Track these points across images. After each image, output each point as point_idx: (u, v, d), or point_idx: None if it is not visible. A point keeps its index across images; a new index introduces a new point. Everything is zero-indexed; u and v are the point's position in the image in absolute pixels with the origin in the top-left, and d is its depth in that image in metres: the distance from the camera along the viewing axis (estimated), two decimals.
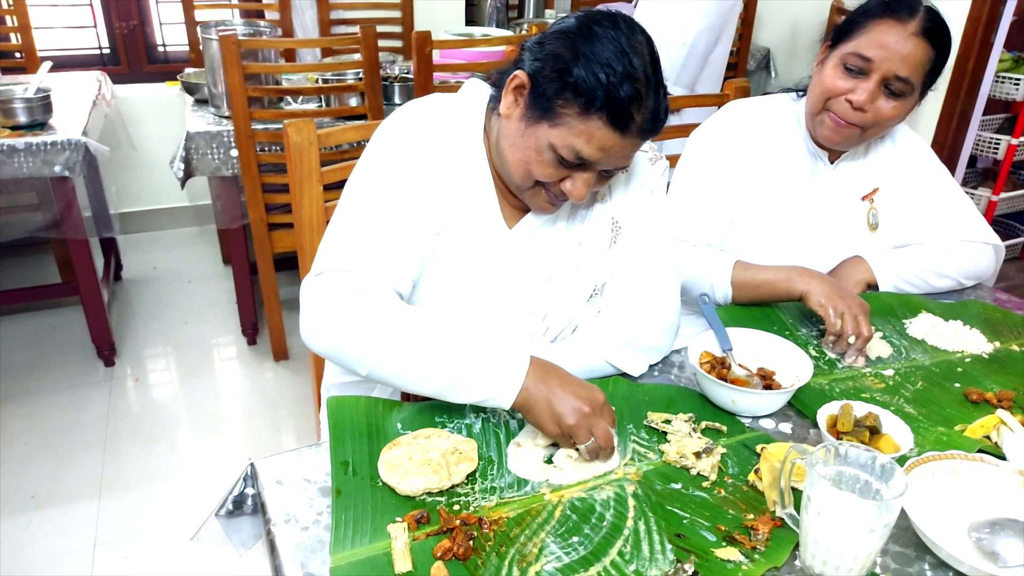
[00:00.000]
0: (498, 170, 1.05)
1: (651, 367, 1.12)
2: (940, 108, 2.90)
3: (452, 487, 0.85)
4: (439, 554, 0.75)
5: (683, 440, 0.94)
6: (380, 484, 0.85)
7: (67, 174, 2.15)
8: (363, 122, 1.34)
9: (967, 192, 1.43)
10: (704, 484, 0.89)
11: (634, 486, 0.88)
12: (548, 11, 4.05)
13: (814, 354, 1.18)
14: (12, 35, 2.98)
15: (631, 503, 0.85)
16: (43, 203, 2.71)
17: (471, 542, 0.77)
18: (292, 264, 2.83)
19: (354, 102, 2.46)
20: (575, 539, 0.79)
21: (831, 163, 1.38)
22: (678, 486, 0.88)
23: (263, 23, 2.92)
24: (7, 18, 2.98)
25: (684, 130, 1.76)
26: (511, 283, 1.08)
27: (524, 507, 0.84)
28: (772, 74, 3.84)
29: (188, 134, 2.30)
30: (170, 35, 3.43)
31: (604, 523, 0.82)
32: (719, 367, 1.05)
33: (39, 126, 2.21)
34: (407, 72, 2.76)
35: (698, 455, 0.91)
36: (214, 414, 2.35)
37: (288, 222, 2.43)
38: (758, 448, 0.93)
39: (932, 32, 1.20)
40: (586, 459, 0.90)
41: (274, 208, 2.41)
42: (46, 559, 1.80)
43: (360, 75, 2.41)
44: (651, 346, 1.11)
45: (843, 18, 1.28)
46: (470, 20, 3.92)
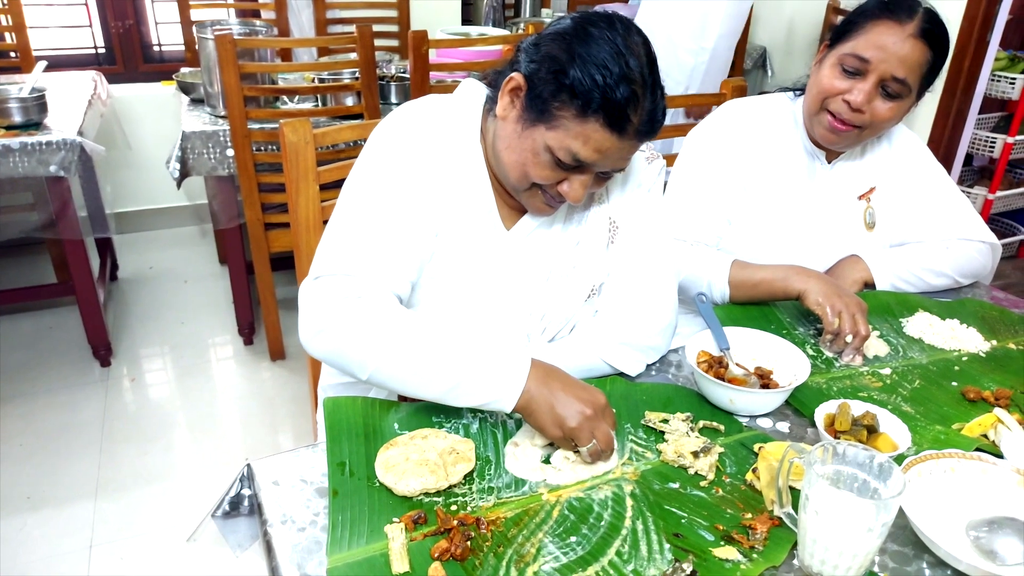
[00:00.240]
0: (495, 171, 1.05)
1: (648, 366, 1.12)
2: (936, 107, 2.91)
3: (449, 487, 0.85)
4: (436, 555, 0.75)
5: (681, 439, 0.94)
6: (377, 485, 0.85)
7: (62, 174, 2.15)
8: (359, 121, 1.34)
9: (963, 191, 1.43)
10: (702, 483, 0.89)
11: (632, 486, 0.88)
12: (544, 10, 4.05)
13: (811, 353, 1.18)
14: (7, 34, 2.97)
15: (629, 503, 0.85)
16: (38, 203, 2.70)
17: (469, 543, 0.77)
18: (289, 264, 2.82)
19: (350, 101, 2.46)
20: (573, 539, 0.79)
21: (828, 162, 1.38)
22: (676, 485, 0.88)
23: (259, 22, 2.91)
24: (2, 17, 2.96)
25: (681, 129, 1.76)
26: (509, 284, 1.07)
27: (522, 507, 0.83)
28: (769, 73, 3.84)
29: (184, 134, 2.29)
30: (166, 34, 3.42)
31: (602, 523, 0.82)
32: (717, 366, 1.05)
33: (34, 126, 2.21)
34: (403, 71, 2.76)
35: (696, 454, 0.91)
36: (210, 414, 2.34)
37: (284, 222, 2.43)
38: (756, 447, 0.93)
39: (930, 34, 1.19)
40: (587, 462, 0.90)
41: (270, 208, 2.40)
42: (42, 560, 1.79)
43: (356, 74, 2.40)
44: (648, 345, 1.10)
45: (840, 18, 1.28)
46: (466, 19, 3.92)
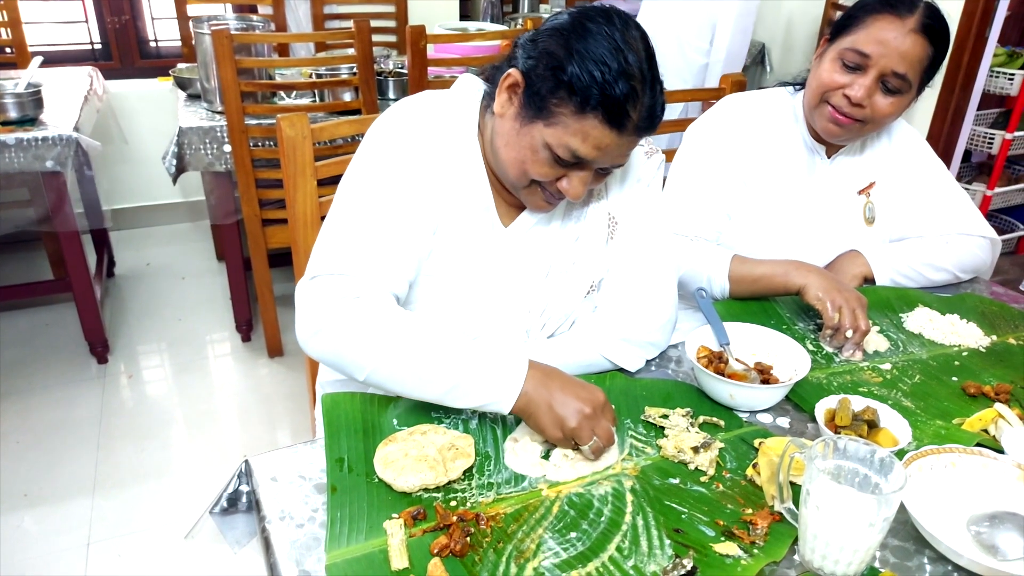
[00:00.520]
0: (493, 168, 1.05)
1: (648, 362, 1.12)
2: (935, 103, 2.91)
3: (449, 483, 0.85)
4: (436, 550, 0.75)
5: (681, 435, 0.93)
6: (376, 480, 0.84)
7: (58, 169, 2.14)
8: (357, 117, 1.33)
9: (962, 187, 1.43)
10: (702, 479, 0.88)
11: (632, 481, 0.87)
12: (543, 6, 4.04)
13: (811, 348, 1.18)
14: (2, 30, 2.96)
15: (629, 498, 0.84)
16: (34, 198, 2.69)
17: (468, 538, 0.76)
18: (286, 260, 2.82)
19: (348, 97, 2.45)
20: (573, 535, 0.79)
21: (828, 157, 1.37)
22: (676, 481, 0.88)
23: (256, 17, 2.90)
24: None
25: (680, 124, 1.76)
26: (508, 280, 1.07)
27: (521, 503, 0.83)
28: (768, 69, 3.84)
29: (181, 129, 2.28)
30: (162, 30, 3.40)
31: (602, 518, 0.81)
32: (716, 362, 1.05)
33: (30, 121, 2.19)
34: (401, 67, 2.75)
35: (696, 450, 0.91)
36: (208, 411, 2.33)
37: (282, 218, 2.42)
38: (756, 442, 0.93)
39: (931, 29, 1.19)
40: (590, 459, 0.89)
41: (268, 204, 2.40)
42: (39, 557, 1.79)
43: (354, 70, 2.39)
44: (648, 341, 1.10)
45: (838, 13, 1.28)
46: (464, 15, 3.91)
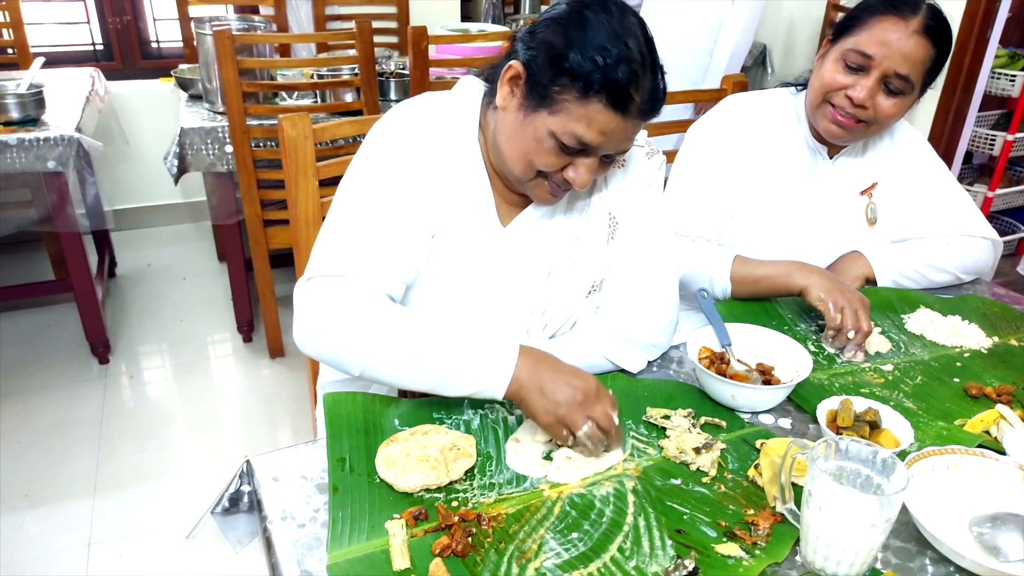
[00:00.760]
0: (496, 166, 1.04)
1: (650, 363, 1.12)
2: (936, 104, 2.90)
3: (450, 483, 0.85)
4: (437, 551, 0.75)
5: (682, 436, 0.93)
6: (377, 481, 0.84)
7: (60, 170, 2.14)
8: (359, 117, 1.33)
9: (963, 188, 1.43)
10: (704, 480, 0.88)
11: (634, 482, 0.87)
12: (544, 7, 4.04)
13: (813, 349, 1.18)
14: (4, 31, 2.96)
15: (631, 499, 0.84)
16: (36, 199, 2.70)
17: (470, 539, 0.76)
18: (288, 260, 2.80)
19: (350, 98, 2.45)
20: (575, 535, 0.79)
21: (830, 158, 1.37)
22: (678, 482, 0.88)
23: (257, 18, 2.90)
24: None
25: (681, 125, 1.76)
26: (508, 280, 1.07)
27: (523, 503, 0.83)
28: (769, 70, 3.83)
29: (182, 130, 2.28)
30: (164, 31, 3.41)
31: (604, 519, 0.81)
32: (718, 362, 1.05)
33: (32, 122, 2.20)
34: (403, 68, 2.75)
35: (697, 451, 0.91)
36: (209, 411, 2.33)
37: (284, 218, 2.42)
38: (758, 443, 0.93)
39: (934, 30, 1.19)
40: (589, 447, 0.89)
41: (269, 204, 2.40)
42: (40, 558, 1.79)
43: (356, 70, 2.40)
44: (650, 342, 1.10)
45: (840, 15, 1.28)
46: (466, 16, 3.91)
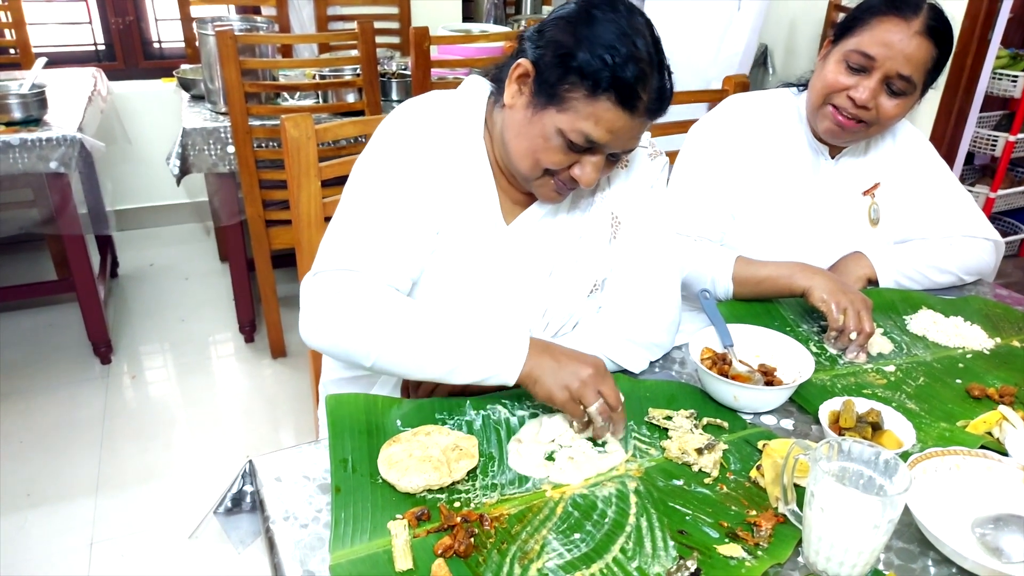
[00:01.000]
0: (502, 163, 1.05)
1: (652, 363, 1.12)
2: (938, 105, 2.90)
3: (453, 484, 0.85)
4: (440, 551, 0.75)
5: (685, 436, 0.93)
6: (380, 481, 0.84)
7: (62, 170, 2.14)
8: (361, 118, 1.34)
9: (965, 189, 1.43)
10: (706, 480, 0.88)
11: (636, 483, 0.87)
12: (546, 7, 4.04)
13: (815, 350, 1.18)
14: (7, 31, 2.97)
15: (633, 500, 0.84)
16: (38, 199, 2.70)
17: (472, 539, 0.76)
18: (290, 261, 2.81)
19: (352, 98, 2.45)
20: (577, 536, 0.79)
21: (832, 158, 1.37)
22: (680, 483, 0.88)
23: (260, 19, 2.90)
24: (2, 14, 2.95)
25: (683, 126, 1.75)
26: (511, 279, 1.07)
27: (525, 504, 0.83)
28: (770, 71, 3.83)
29: (184, 130, 2.29)
30: (166, 31, 3.41)
31: (606, 520, 0.81)
32: (720, 363, 1.05)
33: (34, 122, 2.20)
34: (405, 68, 2.75)
35: (700, 451, 0.91)
36: (212, 412, 2.34)
37: (286, 218, 2.42)
38: (760, 444, 0.93)
39: (935, 31, 1.19)
40: (599, 424, 0.90)
41: (272, 204, 2.40)
42: (42, 557, 1.79)
43: (358, 71, 2.40)
44: (652, 342, 1.10)
45: (841, 15, 1.28)
46: (467, 17, 3.91)
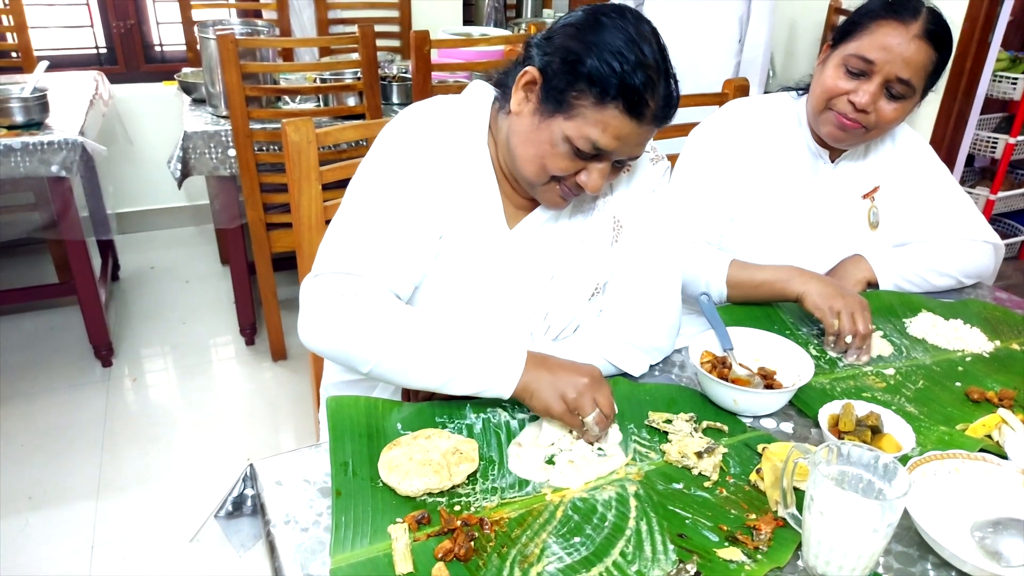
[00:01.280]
0: (507, 169, 1.05)
1: (652, 367, 1.12)
2: (938, 107, 2.90)
3: (453, 488, 0.85)
4: (440, 555, 0.75)
5: (684, 440, 0.94)
6: (380, 485, 0.85)
7: (64, 174, 2.14)
8: (362, 121, 1.34)
9: (965, 191, 1.43)
10: (706, 484, 0.88)
11: (636, 486, 0.87)
12: (546, 10, 4.05)
13: (815, 353, 1.18)
14: (8, 34, 2.97)
15: (633, 503, 0.85)
16: (40, 203, 2.70)
17: (472, 543, 0.77)
18: (290, 264, 2.82)
19: (352, 101, 2.45)
20: (577, 539, 0.79)
21: (832, 162, 1.38)
22: (680, 486, 0.88)
23: (260, 22, 2.91)
24: (3, 17, 2.96)
25: (683, 129, 1.76)
26: (513, 283, 1.07)
27: (525, 507, 0.83)
28: (770, 74, 3.83)
29: (185, 134, 2.29)
30: (167, 35, 3.42)
31: (606, 523, 0.81)
32: (720, 367, 1.05)
33: (35, 126, 2.20)
34: (405, 71, 2.76)
35: (700, 455, 0.91)
36: (212, 414, 2.34)
37: (286, 222, 2.43)
38: (760, 448, 0.93)
39: (935, 34, 1.19)
40: (595, 433, 0.91)
41: (272, 208, 2.40)
42: (43, 560, 1.79)
43: (358, 74, 2.40)
44: (652, 346, 1.10)
45: (841, 18, 1.28)
46: (468, 20, 3.92)
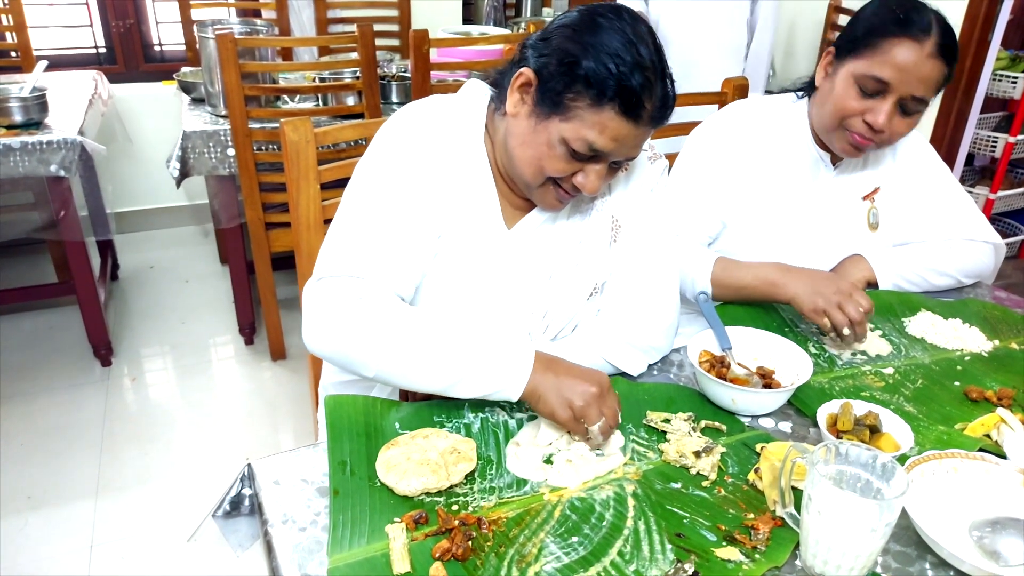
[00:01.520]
0: (504, 170, 1.05)
1: (650, 366, 1.12)
2: (938, 107, 2.90)
3: (451, 487, 0.85)
4: (438, 555, 0.75)
5: (683, 439, 0.94)
6: (378, 484, 0.84)
7: (63, 174, 2.14)
8: (360, 120, 1.34)
9: (964, 190, 1.43)
10: (704, 483, 0.88)
11: (634, 485, 0.87)
12: (546, 9, 4.04)
13: (813, 351, 1.18)
14: (8, 34, 2.97)
15: (631, 503, 0.84)
16: (39, 203, 2.70)
17: (470, 542, 0.77)
18: (289, 263, 2.81)
19: (351, 101, 2.45)
20: (575, 539, 0.79)
21: (832, 164, 1.37)
22: (678, 485, 0.88)
23: (260, 22, 2.91)
24: (2, 17, 2.96)
25: (682, 128, 1.75)
26: (511, 283, 1.07)
27: (523, 507, 0.83)
28: (769, 73, 3.83)
29: (184, 133, 2.29)
30: (166, 34, 3.42)
31: (604, 523, 0.81)
32: (718, 366, 1.05)
33: (35, 125, 2.20)
34: (404, 71, 2.76)
35: (698, 454, 0.91)
36: (211, 414, 2.34)
37: (285, 221, 2.43)
38: (758, 447, 0.93)
39: (946, 49, 1.18)
40: (598, 442, 0.90)
41: (271, 207, 2.40)
42: (43, 560, 1.79)
43: (357, 74, 2.40)
44: (651, 345, 1.10)
45: (842, 16, 1.27)
46: (467, 19, 3.92)
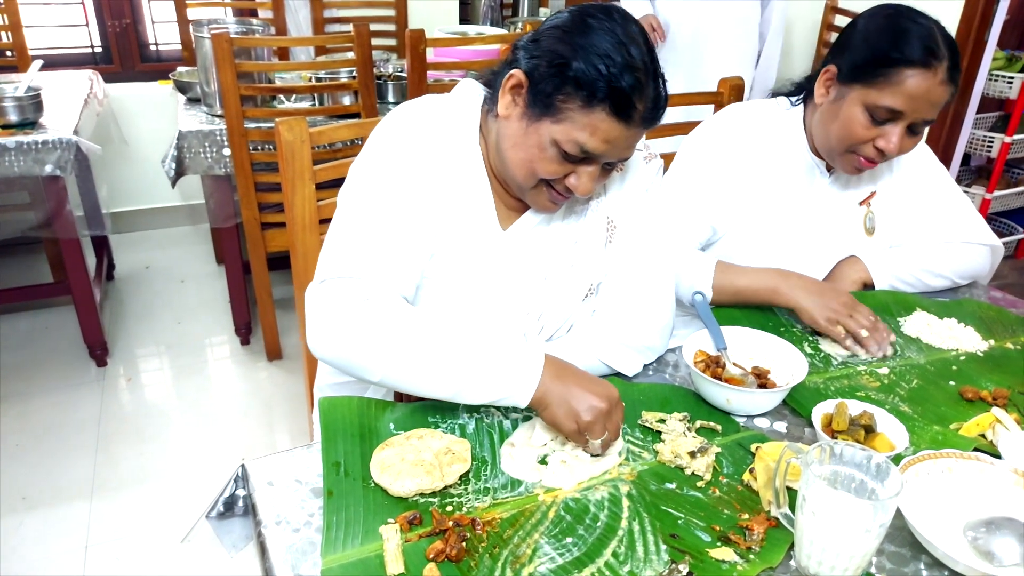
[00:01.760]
0: (497, 171, 1.05)
1: (645, 366, 1.12)
2: None
3: (445, 488, 0.84)
4: (432, 556, 0.75)
5: (678, 439, 0.93)
6: (372, 485, 0.84)
7: (58, 173, 2.14)
8: (356, 120, 1.34)
9: (961, 190, 1.43)
10: (699, 484, 0.88)
11: (628, 486, 0.87)
12: (543, 9, 4.04)
13: (809, 351, 1.18)
14: (3, 33, 2.96)
15: (625, 503, 0.84)
16: (35, 202, 2.69)
17: (464, 543, 0.76)
18: (285, 263, 2.82)
19: (347, 101, 2.45)
20: (569, 540, 0.79)
21: (828, 171, 1.37)
22: (673, 486, 0.88)
23: (256, 21, 2.90)
24: None
25: (679, 128, 1.75)
26: (506, 283, 1.07)
27: (518, 508, 0.83)
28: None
29: (180, 133, 2.29)
30: (162, 33, 3.41)
31: (598, 524, 0.81)
32: (714, 366, 1.05)
33: (30, 125, 2.20)
34: (401, 70, 2.75)
35: (693, 455, 0.91)
36: (207, 414, 2.33)
37: (281, 221, 2.42)
38: (753, 447, 0.93)
39: (955, 70, 1.18)
40: (597, 453, 0.90)
41: (267, 207, 2.40)
42: (38, 560, 1.78)
43: (354, 73, 2.40)
44: (646, 345, 1.10)
45: (839, 17, 1.26)
46: (464, 19, 3.91)
